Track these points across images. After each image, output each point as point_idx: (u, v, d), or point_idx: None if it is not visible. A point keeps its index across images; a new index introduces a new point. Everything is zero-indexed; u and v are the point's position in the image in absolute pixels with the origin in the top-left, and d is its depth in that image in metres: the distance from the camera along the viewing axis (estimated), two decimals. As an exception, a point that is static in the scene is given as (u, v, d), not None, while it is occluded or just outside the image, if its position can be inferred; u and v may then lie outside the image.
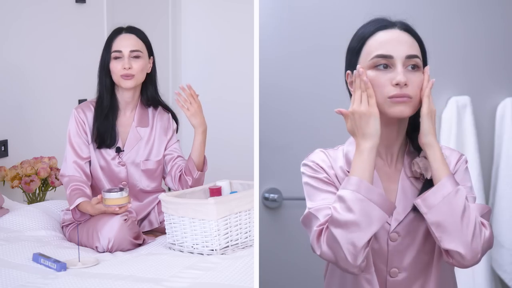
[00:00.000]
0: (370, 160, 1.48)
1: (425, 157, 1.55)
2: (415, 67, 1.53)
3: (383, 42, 1.53)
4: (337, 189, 1.54)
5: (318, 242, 1.48)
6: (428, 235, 1.53)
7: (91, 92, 2.65)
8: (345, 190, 1.46)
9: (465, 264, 1.45)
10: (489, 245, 1.47)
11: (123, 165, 2.58)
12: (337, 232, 1.43)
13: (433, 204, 1.45)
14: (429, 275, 1.54)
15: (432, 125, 1.51)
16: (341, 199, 1.45)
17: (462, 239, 1.43)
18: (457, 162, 1.59)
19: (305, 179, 1.60)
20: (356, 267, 1.44)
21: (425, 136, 1.51)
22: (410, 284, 1.54)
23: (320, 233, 1.48)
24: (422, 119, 1.51)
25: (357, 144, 1.51)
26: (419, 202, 1.47)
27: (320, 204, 1.53)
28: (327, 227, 1.46)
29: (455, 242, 1.43)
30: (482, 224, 1.46)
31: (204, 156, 2.66)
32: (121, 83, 2.54)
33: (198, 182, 2.61)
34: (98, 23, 3.65)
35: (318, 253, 1.49)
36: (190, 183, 2.60)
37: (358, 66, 1.53)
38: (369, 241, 1.43)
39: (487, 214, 1.52)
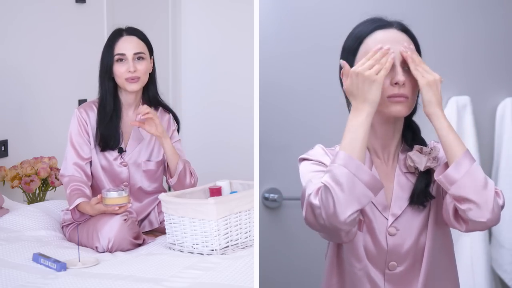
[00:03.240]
0: (366, 123, 1.47)
1: (419, 151, 1.57)
2: None
3: (381, 41, 1.54)
4: None
5: (315, 196, 1.44)
6: (422, 228, 1.55)
7: (91, 92, 2.65)
8: (334, 164, 1.44)
9: (485, 227, 1.48)
10: (501, 209, 1.49)
11: (125, 166, 2.58)
12: (328, 193, 1.43)
13: (455, 179, 1.45)
14: (428, 269, 1.56)
15: (434, 95, 1.50)
16: (331, 174, 1.44)
17: (487, 207, 1.44)
18: None
19: (304, 168, 1.59)
20: (343, 224, 1.42)
21: (426, 107, 1.51)
22: (408, 276, 1.56)
23: (318, 189, 1.46)
24: (421, 91, 1.51)
25: (354, 107, 1.49)
26: (441, 178, 1.47)
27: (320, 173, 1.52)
28: (322, 185, 1.45)
29: (480, 211, 1.44)
30: (496, 193, 1.47)
31: (185, 165, 2.62)
32: (127, 87, 2.53)
33: (181, 185, 2.60)
34: (98, 23, 3.65)
35: (309, 207, 1.46)
36: (172, 183, 2.61)
37: (387, 46, 1.51)
38: (357, 211, 1.43)
39: None
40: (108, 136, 2.54)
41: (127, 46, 2.53)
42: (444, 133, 1.49)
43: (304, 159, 1.61)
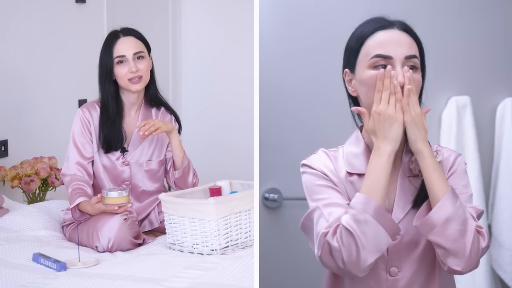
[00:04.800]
0: (388, 165, 1.47)
1: None
2: (413, 67, 1.53)
3: (382, 42, 1.53)
4: (342, 193, 1.54)
5: (333, 236, 1.44)
6: None
7: (91, 92, 2.66)
8: (356, 208, 1.44)
9: (462, 274, 1.48)
10: (484, 252, 1.48)
11: (127, 165, 2.59)
12: (351, 235, 1.43)
13: (433, 226, 1.45)
14: (429, 274, 1.54)
15: (419, 132, 1.48)
16: (354, 218, 1.43)
17: (463, 257, 1.44)
18: (455, 160, 1.59)
19: (307, 179, 1.58)
20: (362, 272, 1.44)
21: (412, 144, 1.50)
22: (409, 283, 1.54)
23: (335, 229, 1.45)
24: (406, 128, 1.49)
25: (376, 146, 1.49)
26: (419, 225, 1.47)
27: (330, 200, 1.51)
28: (341, 226, 1.44)
29: (457, 260, 1.45)
30: (479, 233, 1.47)
31: (189, 162, 2.64)
32: (130, 88, 2.54)
33: (183, 181, 2.61)
34: (98, 23, 3.65)
35: (327, 248, 1.46)
36: (176, 175, 2.61)
37: (389, 67, 1.50)
38: (377, 258, 1.44)
39: (479, 216, 1.54)
40: (111, 138, 2.55)
41: (126, 46, 2.54)
42: (428, 175, 1.48)
43: (306, 166, 1.59)
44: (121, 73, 2.53)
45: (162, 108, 2.69)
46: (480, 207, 1.55)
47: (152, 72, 2.64)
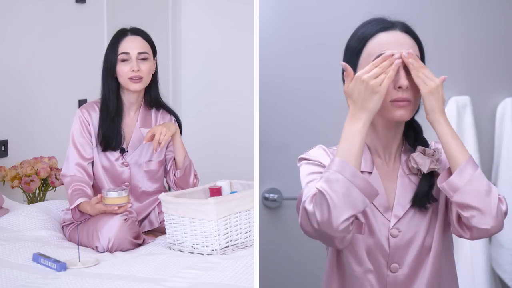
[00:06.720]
0: (363, 131, 1.46)
1: (422, 153, 1.56)
2: None
3: (385, 44, 1.53)
4: None
5: (310, 202, 1.44)
6: (428, 231, 1.55)
7: (91, 92, 2.65)
8: (329, 171, 1.44)
9: (489, 235, 1.49)
10: (505, 217, 1.49)
11: (126, 166, 2.59)
12: (322, 202, 1.42)
13: (458, 186, 1.45)
14: (430, 271, 1.55)
15: (436, 102, 1.49)
16: (326, 179, 1.43)
17: (490, 214, 1.44)
18: None
19: (302, 169, 1.59)
20: (336, 231, 1.42)
21: (428, 115, 1.50)
22: (410, 279, 1.56)
23: (313, 196, 1.45)
24: (423, 99, 1.50)
25: (352, 113, 1.48)
26: (444, 186, 1.47)
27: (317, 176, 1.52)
28: (316, 190, 1.44)
29: (484, 218, 1.44)
30: (499, 199, 1.48)
31: (190, 162, 2.65)
32: (129, 86, 2.54)
33: (184, 181, 2.62)
34: (98, 23, 3.65)
35: (304, 213, 1.46)
36: (177, 175, 2.61)
37: (396, 55, 1.49)
38: (351, 217, 1.42)
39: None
40: (110, 136, 2.54)
41: (132, 45, 2.54)
42: (446, 140, 1.49)
43: (303, 159, 1.61)
44: (123, 71, 2.53)
45: (161, 109, 2.69)
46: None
47: (155, 75, 2.64)
